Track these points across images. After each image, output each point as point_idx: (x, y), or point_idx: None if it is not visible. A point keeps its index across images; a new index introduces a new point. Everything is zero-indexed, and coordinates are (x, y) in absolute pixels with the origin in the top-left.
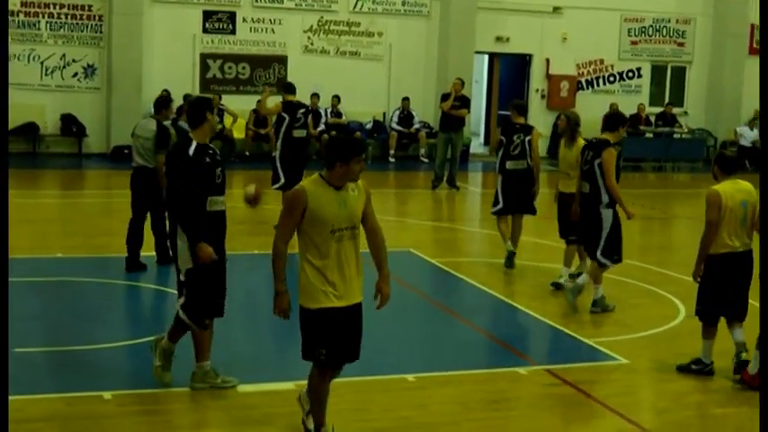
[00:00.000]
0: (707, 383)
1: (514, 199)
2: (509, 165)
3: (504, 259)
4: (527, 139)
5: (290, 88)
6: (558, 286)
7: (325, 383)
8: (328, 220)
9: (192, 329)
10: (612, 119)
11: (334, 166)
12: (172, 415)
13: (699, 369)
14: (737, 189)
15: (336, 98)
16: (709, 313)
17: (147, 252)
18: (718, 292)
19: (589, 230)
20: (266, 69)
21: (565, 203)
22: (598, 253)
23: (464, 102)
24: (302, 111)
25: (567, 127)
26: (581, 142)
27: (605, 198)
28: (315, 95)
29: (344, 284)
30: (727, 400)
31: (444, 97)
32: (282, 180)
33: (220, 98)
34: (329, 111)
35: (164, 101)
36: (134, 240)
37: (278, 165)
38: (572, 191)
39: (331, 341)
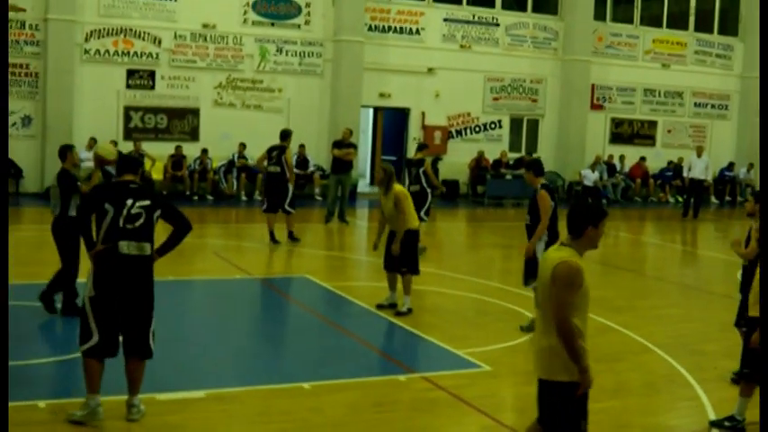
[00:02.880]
0: None
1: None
2: None
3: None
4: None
5: (281, 135)
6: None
7: None
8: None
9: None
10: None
11: (585, 231)
12: (103, 422)
13: (732, 426)
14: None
15: (242, 145)
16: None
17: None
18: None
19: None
20: (181, 120)
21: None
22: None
23: (352, 147)
24: (275, 152)
25: (384, 178)
26: (397, 188)
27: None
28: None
29: None
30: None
31: (336, 144)
32: (266, 205)
33: (140, 144)
34: (236, 155)
35: (62, 150)
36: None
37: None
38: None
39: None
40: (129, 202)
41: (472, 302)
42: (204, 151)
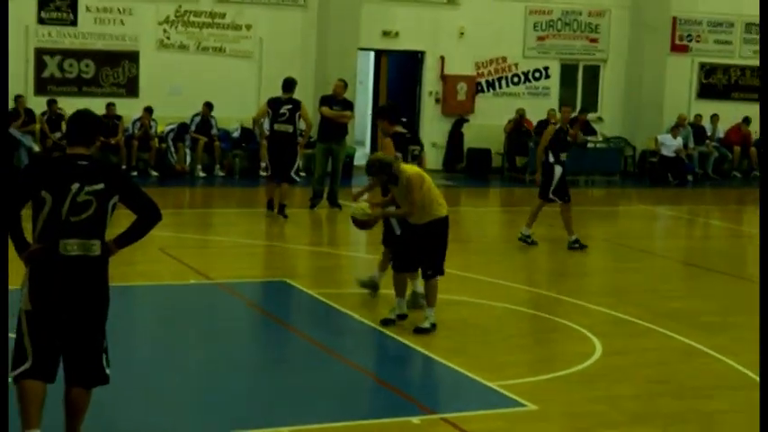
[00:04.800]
0: None
1: None
2: None
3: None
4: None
5: (285, 85)
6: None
7: None
8: None
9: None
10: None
11: None
12: None
13: None
14: None
15: (208, 105)
16: None
17: None
18: None
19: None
20: (114, 68)
21: None
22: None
23: (347, 106)
24: (286, 107)
25: (382, 178)
26: (408, 173)
27: None
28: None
29: None
30: None
31: (324, 101)
32: (270, 171)
33: (55, 103)
34: (196, 120)
35: None
36: None
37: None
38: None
39: None
40: (75, 186)
41: (510, 317)
42: (147, 111)
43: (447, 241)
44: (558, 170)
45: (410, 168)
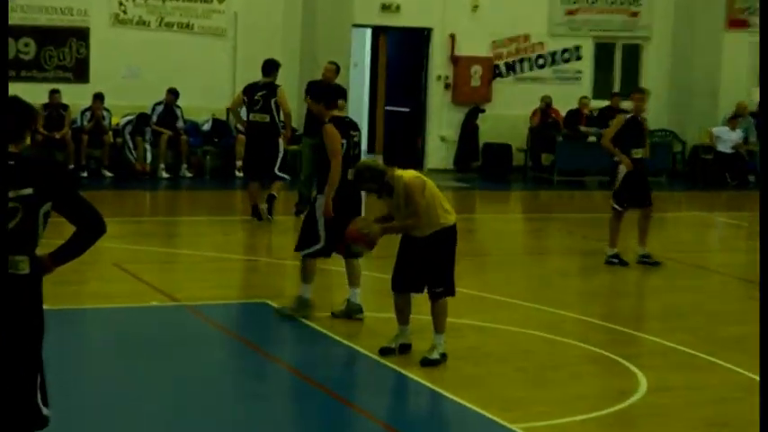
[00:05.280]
0: None
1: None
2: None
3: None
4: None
5: (265, 68)
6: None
7: None
8: None
9: None
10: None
11: None
12: None
13: None
14: None
15: (173, 93)
16: None
17: None
18: None
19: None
20: (60, 48)
21: None
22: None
23: (339, 94)
24: (260, 93)
25: (372, 186)
26: (405, 178)
27: None
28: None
29: None
30: None
31: (311, 88)
32: (248, 171)
33: None
34: (157, 110)
35: None
36: None
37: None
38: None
39: None
40: None
41: (535, 345)
42: (98, 99)
43: (455, 255)
44: (623, 170)
45: (406, 173)
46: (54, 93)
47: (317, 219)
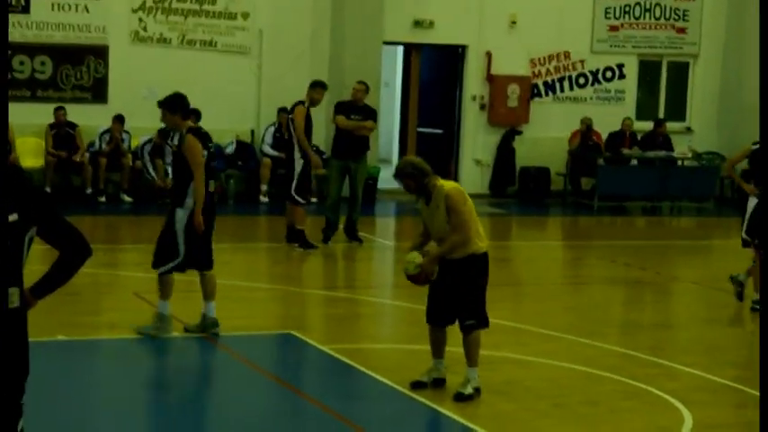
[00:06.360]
0: None
1: None
2: None
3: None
4: None
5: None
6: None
7: None
8: None
9: None
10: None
11: None
12: None
13: None
14: None
15: (196, 113)
16: None
17: None
18: None
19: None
20: (77, 66)
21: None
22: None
23: (368, 114)
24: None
25: (411, 183)
26: (446, 187)
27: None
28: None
29: None
30: None
31: (339, 108)
32: (302, 200)
33: None
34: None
35: None
36: None
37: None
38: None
39: None
40: None
41: (573, 379)
42: (118, 120)
43: (486, 285)
44: (753, 202)
45: (447, 183)
46: (58, 110)
47: (176, 232)
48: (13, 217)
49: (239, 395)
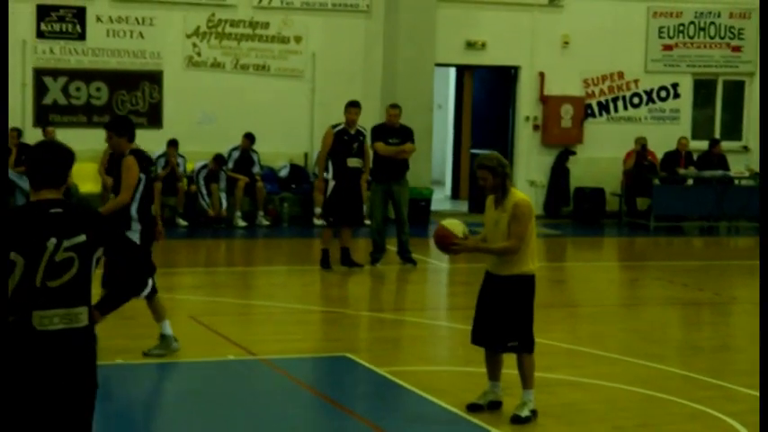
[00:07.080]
0: None
1: None
2: None
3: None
4: None
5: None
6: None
7: None
8: None
9: None
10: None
11: None
12: None
13: None
14: None
15: (249, 138)
16: None
17: None
18: None
19: None
20: (132, 92)
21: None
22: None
23: (406, 136)
24: (361, 138)
25: (494, 181)
26: (518, 197)
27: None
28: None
29: None
30: None
31: (377, 133)
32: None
33: (49, 130)
34: (233, 156)
35: None
36: None
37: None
38: (512, 272)
39: None
40: (53, 242)
41: (631, 401)
42: (172, 145)
43: (533, 308)
44: None
45: (519, 192)
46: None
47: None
48: (80, 238)
49: (296, 418)
